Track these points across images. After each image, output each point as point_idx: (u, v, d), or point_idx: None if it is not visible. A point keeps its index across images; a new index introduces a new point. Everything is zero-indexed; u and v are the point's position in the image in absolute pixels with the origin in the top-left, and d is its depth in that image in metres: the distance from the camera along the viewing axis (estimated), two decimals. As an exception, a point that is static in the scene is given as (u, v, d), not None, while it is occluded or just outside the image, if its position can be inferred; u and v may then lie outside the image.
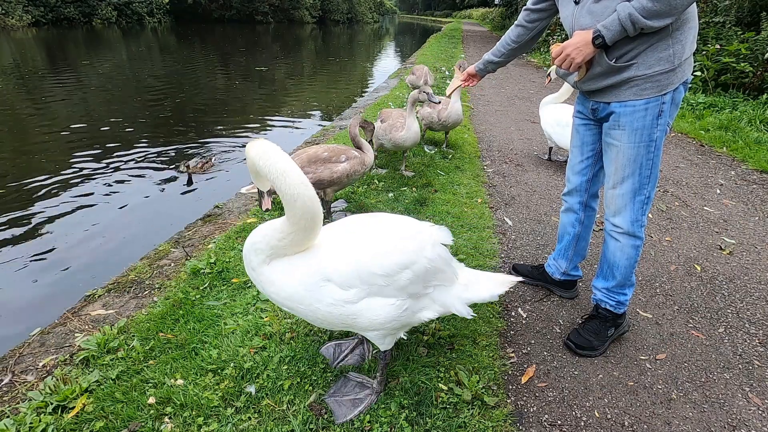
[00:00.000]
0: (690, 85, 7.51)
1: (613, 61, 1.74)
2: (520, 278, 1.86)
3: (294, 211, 1.39)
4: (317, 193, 2.94)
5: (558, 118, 4.29)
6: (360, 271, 1.49)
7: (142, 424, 1.62)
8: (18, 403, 1.74)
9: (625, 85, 1.78)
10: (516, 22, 2.23)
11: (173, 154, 5.79)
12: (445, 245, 1.71)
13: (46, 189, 4.55)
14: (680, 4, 1.53)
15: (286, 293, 1.52)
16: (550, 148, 4.90)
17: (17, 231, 3.79)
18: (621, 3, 1.61)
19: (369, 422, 1.66)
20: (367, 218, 1.71)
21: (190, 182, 4.82)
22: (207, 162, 5.22)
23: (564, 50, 1.77)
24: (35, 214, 4.07)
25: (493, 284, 1.82)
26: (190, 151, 5.89)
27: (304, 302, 1.51)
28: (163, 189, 4.75)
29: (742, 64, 6.94)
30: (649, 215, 3.61)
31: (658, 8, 1.53)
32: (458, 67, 4.09)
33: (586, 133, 2.13)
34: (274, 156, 1.36)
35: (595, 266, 2.77)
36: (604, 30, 1.65)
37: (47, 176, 4.85)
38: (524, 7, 2.19)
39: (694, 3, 1.63)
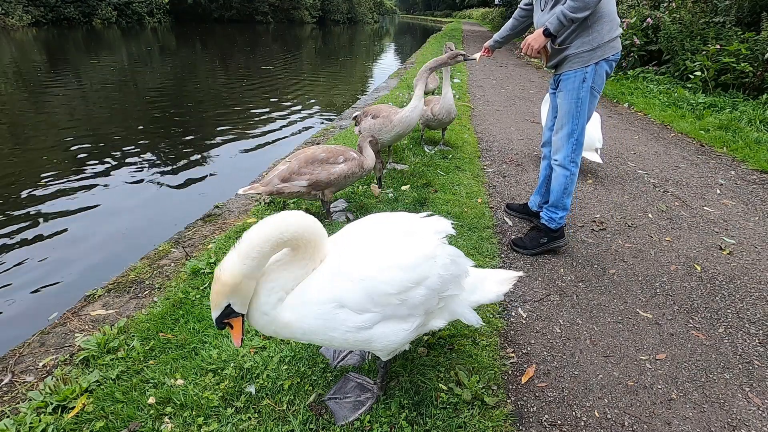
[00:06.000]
0: (689, 85, 7.57)
1: (557, 45, 2.61)
2: (521, 273, 1.87)
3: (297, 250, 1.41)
4: (315, 194, 2.97)
5: None
6: (370, 291, 1.41)
7: (142, 424, 1.62)
8: (18, 403, 1.74)
9: (565, 61, 2.64)
10: (512, 16, 3.05)
11: (173, 153, 5.79)
12: (448, 235, 1.62)
13: (46, 189, 4.55)
14: (591, 3, 2.36)
15: (302, 330, 1.44)
16: (550, 148, 4.90)
17: (17, 231, 3.79)
18: (558, 6, 2.48)
19: (369, 422, 1.66)
20: (370, 224, 1.61)
21: None
22: None
23: (526, 41, 2.63)
24: (35, 213, 4.08)
25: (498, 283, 1.76)
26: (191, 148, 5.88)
27: (319, 334, 1.45)
28: (164, 189, 4.76)
29: (742, 64, 6.94)
30: (649, 215, 3.63)
31: (578, 5, 2.37)
32: (446, 49, 4.49)
33: (554, 100, 2.90)
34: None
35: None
36: (549, 25, 2.50)
37: (47, 176, 4.85)
38: (519, 6, 2.99)
39: (609, 3, 2.49)
